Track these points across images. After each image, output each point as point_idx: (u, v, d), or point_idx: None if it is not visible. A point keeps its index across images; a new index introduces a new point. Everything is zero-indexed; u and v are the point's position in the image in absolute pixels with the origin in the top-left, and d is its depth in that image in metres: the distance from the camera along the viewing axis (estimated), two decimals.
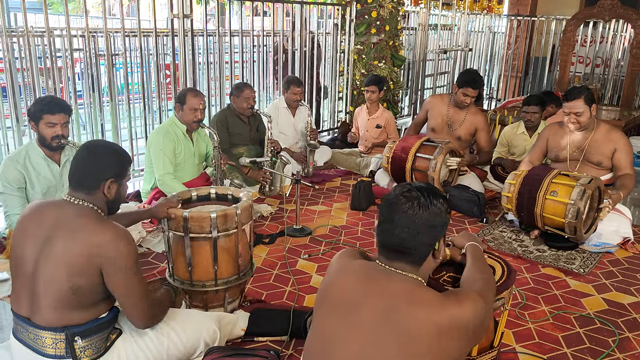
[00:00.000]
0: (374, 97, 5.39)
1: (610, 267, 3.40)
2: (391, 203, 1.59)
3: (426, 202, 1.57)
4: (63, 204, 1.95)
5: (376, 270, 1.61)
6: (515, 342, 2.55)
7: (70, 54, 4.30)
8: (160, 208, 2.46)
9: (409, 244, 1.56)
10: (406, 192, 1.59)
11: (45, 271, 1.85)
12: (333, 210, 4.30)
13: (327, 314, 1.61)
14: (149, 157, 3.71)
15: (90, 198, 1.95)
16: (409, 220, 1.55)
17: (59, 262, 1.83)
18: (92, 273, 1.85)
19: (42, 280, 1.85)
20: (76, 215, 1.90)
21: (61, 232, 1.86)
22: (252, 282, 3.04)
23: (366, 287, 1.56)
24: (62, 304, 1.85)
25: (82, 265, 1.82)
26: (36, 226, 1.91)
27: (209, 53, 5.29)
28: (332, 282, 1.66)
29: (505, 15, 9.46)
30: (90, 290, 1.88)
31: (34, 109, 2.99)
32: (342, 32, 6.52)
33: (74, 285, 1.83)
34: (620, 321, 2.78)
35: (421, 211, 1.56)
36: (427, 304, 1.48)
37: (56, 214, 1.91)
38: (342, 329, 1.54)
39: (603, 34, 8.04)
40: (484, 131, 4.55)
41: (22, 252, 1.91)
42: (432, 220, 1.57)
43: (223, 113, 4.55)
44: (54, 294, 1.84)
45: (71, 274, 1.82)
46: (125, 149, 2.19)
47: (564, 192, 3.46)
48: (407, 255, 1.58)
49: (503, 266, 2.04)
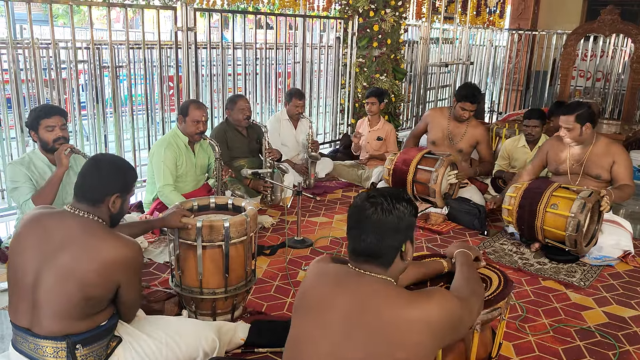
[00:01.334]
0: (374, 109, 5.43)
1: (610, 280, 3.40)
2: (357, 209, 1.63)
3: (389, 207, 1.59)
4: (66, 215, 1.96)
5: (347, 273, 1.63)
6: (515, 355, 2.55)
7: (75, 66, 4.34)
8: (173, 217, 2.48)
9: (376, 248, 1.59)
10: (371, 199, 1.62)
11: (48, 282, 1.85)
12: (334, 222, 4.31)
13: (301, 317, 1.65)
14: (151, 168, 3.74)
15: (94, 210, 1.97)
16: (374, 226, 1.58)
17: (66, 275, 1.84)
18: (108, 286, 1.90)
19: (44, 292, 1.85)
20: (83, 229, 1.91)
21: (69, 246, 1.87)
22: (253, 293, 3.04)
23: (337, 288, 1.59)
24: (67, 314, 1.86)
25: (98, 278, 1.86)
26: (37, 238, 1.91)
27: (212, 65, 5.34)
28: (307, 287, 1.69)
29: (507, 29, 9.54)
30: (100, 300, 1.91)
31: (30, 118, 3.06)
32: (344, 45, 6.57)
33: (86, 295, 1.85)
34: (620, 334, 2.78)
35: (384, 216, 1.58)
36: (396, 301, 1.50)
37: (60, 226, 1.92)
38: (313, 330, 1.57)
39: (603, 48, 8.10)
40: (484, 143, 4.58)
41: (21, 263, 1.90)
42: (397, 224, 1.59)
43: (221, 127, 4.54)
44: (58, 305, 1.85)
45: (84, 285, 1.84)
46: (128, 159, 2.22)
47: (564, 205, 3.47)
48: (375, 259, 1.61)
49: (500, 276, 2.05)
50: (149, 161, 3.82)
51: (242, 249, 2.61)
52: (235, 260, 2.59)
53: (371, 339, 1.47)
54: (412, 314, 1.48)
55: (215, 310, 2.63)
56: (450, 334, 1.56)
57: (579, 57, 7.93)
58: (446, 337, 1.56)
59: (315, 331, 1.56)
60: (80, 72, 4.72)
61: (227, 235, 2.49)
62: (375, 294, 1.53)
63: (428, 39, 7.46)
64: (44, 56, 4.19)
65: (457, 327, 1.59)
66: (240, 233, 2.55)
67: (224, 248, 2.51)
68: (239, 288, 2.65)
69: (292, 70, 6.36)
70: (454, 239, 4.02)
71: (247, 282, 2.70)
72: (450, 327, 1.54)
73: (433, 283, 2.04)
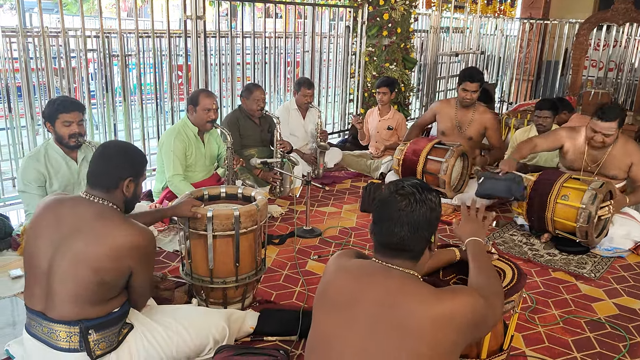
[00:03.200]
0: (386, 99, 5.40)
1: (621, 272, 3.38)
2: (387, 202, 1.60)
3: (422, 197, 1.58)
4: (81, 201, 2.00)
5: (373, 267, 1.62)
6: (525, 346, 2.54)
7: (85, 55, 4.35)
8: (184, 207, 2.48)
9: (409, 241, 1.57)
10: (401, 190, 1.60)
11: (62, 268, 1.88)
12: (343, 212, 4.31)
13: (325, 312, 1.62)
14: (161, 157, 3.74)
15: (109, 196, 2.00)
16: (408, 218, 1.56)
17: (80, 260, 1.87)
18: (120, 272, 1.92)
19: (58, 276, 1.88)
20: (98, 214, 1.94)
21: (82, 230, 1.90)
22: (262, 282, 3.05)
23: (362, 284, 1.57)
24: (81, 299, 1.88)
25: (111, 264, 1.88)
26: (52, 223, 1.94)
27: (221, 54, 5.32)
28: (329, 281, 1.67)
29: (518, 18, 9.43)
30: (113, 286, 1.94)
31: (48, 110, 3.04)
32: (353, 34, 6.53)
33: (100, 281, 1.88)
34: (631, 326, 2.76)
35: (418, 207, 1.57)
36: (423, 297, 1.49)
37: (74, 211, 1.95)
38: (339, 326, 1.55)
39: (616, 37, 7.99)
40: (493, 129, 4.56)
41: (36, 248, 1.94)
42: (429, 215, 1.58)
43: (234, 114, 4.57)
44: (72, 290, 1.87)
45: (98, 271, 1.87)
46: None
47: (575, 196, 3.44)
48: (407, 252, 1.59)
49: (513, 269, 2.03)
50: (158, 150, 3.83)
51: (252, 238, 2.62)
52: (245, 250, 2.60)
53: (398, 334, 1.46)
54: (438, 310, 1.46)
55: (226, 299, 2.64)
56: (474, 331, 1.55)
57: (591, 47, 7.83)
58: (470, 335, 1.55)
59: (342, 327, 1.55)
60: (90, 61, 4.72)
61: (237, 225, 2.50)
62: (402, 290, 1.51)
63: (438, 28, 7.40)
64: (53, 45, 4.19)
65: (481, 326, 1.58)
66: (251, 222, 2.56)
67: (235, 237, 2.52)
68: (249, 277, 2.66)
69: (301, 59, 6.33)
70: None
71: (257, 271, 2.71)
72: (475, 325, 1.53)
73: (445, 272, 2.03)
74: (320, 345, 1.61)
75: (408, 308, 1.47)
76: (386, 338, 1.48)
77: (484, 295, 1.60)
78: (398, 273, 1.57)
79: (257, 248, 2.67)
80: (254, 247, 2.64)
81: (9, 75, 3.98)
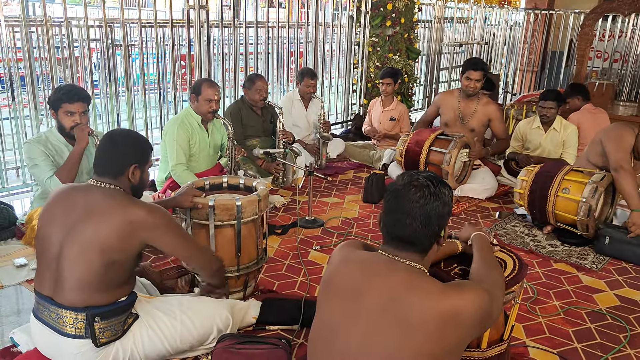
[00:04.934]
0: (389, 90, 5.38)
1: (623, 264, 3.38)
2: (400, 193, 1.58)
3: (436, 191, 1.57)
4: (90, 187, 2.04)
5: (379, 260, 1.61)
6: (525, 336, 2.56)
7: (88, 44, 4.34)
8: (184, 197, 2.49)
9: (420, 234, 1.56)
10: (415, 182, 1.58)
11: (72, 252, 1.91)
12: (345, 202, 4.31)
13: (330, 303, 1.63)
14: (164, 146, 3.75)
15: (116, 182, 2.05)
16: (421, 211, 1.55)
17: (90, 242, 1.90)
18: (129, 248, 1.96)
19: (68, 261, 1.92)
20: (105, 197, 1.99)
21: (91, 214, 1.94)
22: (265, 272, 3.07)
23: (368, 276, 1.57)
24: (88, 285, 1.91)
25: (118, 240, 1.92)
26: (64, 209, 1.98)
27: (224, 44, 5.31)
28: (334, 272, 1.67)
29: (523, 8, 9.37)
30: (122, 267, 1.97)
31: (53, 98, 3.04)
32: (357, 24, 6.50)
33: (109, 261, 1.91)
34: (632, 317, 2.77)
35: (432, 200, 1.56)
36: (429, 292, 1.49)
37: (85, 197, 1.99)
38: (344, 318, 1.56)
39: (622, 28, 7.93)
40: (497, 120, 4.54)
41: (48, 234, 1.98)
42: (442, 209, 1.58)
43: (237, 105, 4.57)
44: (80, 275, 1.91)
45: (105, 250, 1.90)
46: None
47: (576, 189, 3.44)
48: (416, 245, 1.59)
49: (514, 260, 2.04)
50: (161, 140, 3.84)
51: (254, 228, 2.63)
52: (246, 240, 2.61)
53: (402, 328, 1.47)
54: (444, 306, 1.46)
55: (227, 288, 2.66)
56: (478, 327, 1.56)
57: (596, 38, 7.79)
58: (475, 331, 1.55)
59: (346, 319, 1.55)
60: (93, 51, 4.71)
61: (239, 215, 2.51)
62: (408, 284, 1.51)
63: (442, 18, 7.35)
64: (56, 34, 4.18)
65: (486, 321, 1.58)
66: (252, 212, 2.57)
67: (236, 227, 2.53)
68: (250, 267, 2.67)
69: (304, 49, 6.31)
70: (466, 220, 4.01)
71: (258, 261, 2.73)
72: (479, 320, 1.53)
73: (446, 263, 2.04)
74: (323, 335, 1.61)
75: (413, 302, 1.47)
76: (390, 331, 1.48)
77: (487, 289, 1.60)
78: (404, 267, 1.57)
79: (258, 238, 2.68)
80: (255, 237, 2.66)
81: (12, 65, 3.98)
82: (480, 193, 4.37)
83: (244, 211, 2.52)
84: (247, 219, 2.55)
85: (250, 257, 2.67)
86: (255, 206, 2.57)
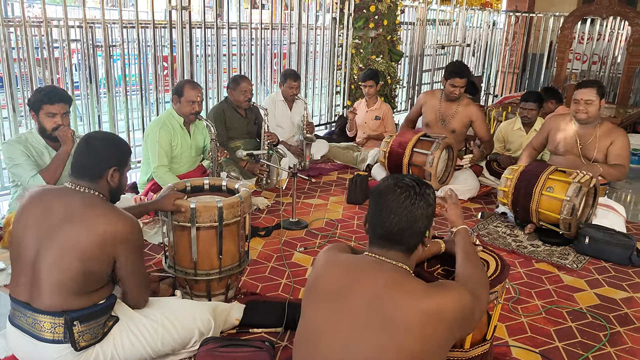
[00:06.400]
0: (372, 91, 5.44)
1: (602, 263, 3.42)
2: (386, 194, 1.61)
3: (421, 192, 1.61)
4: (68, 191, 2.00)
5: (365, 261, 1.62)
6: (508, 336, 2.58)
7: (68, 45, 4.29)
8: (166, 201, 2.46)
9: (406, 234, 1.59)
10: (400, 183, 1.61)
11: (48, 257, 1.88)
12: (329, 203, 4.31)
13: (315, 305, 1.63)
14: (146, 148, 3.71)
15: (94, 186, 2.02)
16: (407, 211, 1.58)
17: (67, 248, 1.87)
18: (105, 259, 1.93)
19: (44, 266, 1.88)
20: (84, 203, 1.95)
21: (69, 219, 1.90)
22: (248, 274, 3.05)
23: (353, 278, 1.58)
24: (66, 289, 1.88)
25: (96, 251, 1.89)
26: (40, 213, 1.94)
27: (206, 45, 5.28)
28: (320, 274, 1.67)
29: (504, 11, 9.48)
30: (99, 275, 1.94)
31: (33, 99, 3.00)
32: (340, 26, 6.51)
33: (86, 270, 1.88)
34: (611, 316, 2.81)
35: (418, 200, 1.59)
36: (413, 292, 1.50)
37: (62, 201, 1.96)
38: (329, 319, 1.56)
39: (600, 31, 8.06)
40: (479, 121, 4.56)
41: (24, 238, 1.94)
42: (427, 209, 1.61)
43: (220, 106, 4.54)
44: (58, 279, 1.87)
45: (84, 259, 1.87)
46: None
47: (560, 189, 3.48)
48: (402, 245, 1.60)
49: (497, 260, 2.05)
50: (143, 142, 3.80)
51: (236, 230, 2.61)
52: (228, 242, 2.59)
53: (387, 328, 1.47)
54: (428, 305, 1.47)
55: (209, 291, 2.64)
56: (462, 327, 1.57)
57: (575, 40, 7.89)
58: (458, 331, 1.56)
59: (332, 320, 1.55)
60: (73, 52, 4.66)
61: (220, 217, 2.49)
62: (393, 284, 1.52)
63: (425, 21, 7.40)
64: (35, 35, 4.12)
65: (469, 321, 1.60)
66: (234, 214, 2.55)
67: (218, 229, 2.51)
68: (232, 269, 2.65)
69: (287, 51, 6.31)
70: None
71: (240, 263, 2.71)
72: (463, 321, 1.55)
73: (429, 263, 2.05)
74: (309, 338, 1.61)
75: (398, 302, 1.48)
76: (375, 331, 1.48)
77: (472, 289, 1.62)
78: (390, 267, 1.58)
79: (240, 240, 2.66)
80: (237, 239, 2.63)
81: None
82: (462, 194, 4.40)
83: (226, 213, 2.50)
84: (229, 221, 2.53)
85: (232, 259, 2.65)
86: (237, 208, 2.55)
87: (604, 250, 3.42)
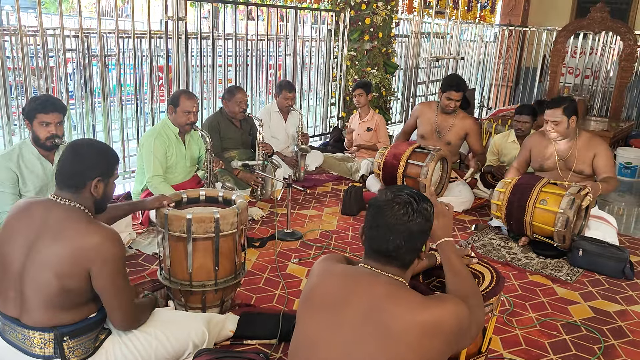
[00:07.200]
0: (363, 100, 5.45)
1: (596, 276, 3.43)
2: (383, 208, 1.58)
3: (419, 208, 1.58)
4: (50, 204, 1.93)
5: (361, 272, 1.61)
6: (502, 348, 2.57)
7: (63, 54, 4.28)
8: (152, 200, 2.50)
9: (403, 250, 1.57)
10: (397, 198, 1.59)
11: (31, 273, 1.83)
12: (324, 214, 4.31)
13: (310, 316, 1.62)
14: (141, 158, 3.71)
15: (77, 198, 1.93)
16: (405, 227, 1.55)
17: (45, 263, 1.82)
18: (80, 276, 1.84)
19: (29, 281, 1.83)
20: (63, 217, 1.88)
21: (48, 234, 1.84)
22: (242, 285, 3.04)
23: (349, 288, 1.57)
24: (52, 305, 1.84)
25: (71, 267, 1.81)
26: (24, 226, 1.89)
27: (202, 56, 5.29)
28: (315, 285, 1.66)
29: (497, 25, 9.56)
30: (79, 291, 1.87)
31: (28, 108, 2.97)
32: (335, 38, 6.55)
33: (64, 287, 1.82)
34: (606, 329, 2.81)
35: (415, 217, 1.56)
36: (410, 304, 1.50)
37: (44, 214, 1.89)
38: (325, 330, 1.55)
39: (593, 45, 8.15)
40: (474, 135, 4.62)
41: (9, 252, 1.89)
42: (424, 225, 1.59)
43: (215, 117, 4.55)
44: (43, 294, 1.83)
45: (60, 276, 1.81)
46: (116, 150, 2.19)
47: (554, 201, 3.50)
48: (398, 261, 1.59)
49: (492, 273, 2.06)
50: (138, 152, 3.79)
51: (232, 242, 2.59)
52: (225, 253, 2.57)
53: (383, 339, 1.46)
54: (425, 318, 1.46)
55: (205, 303, 2.62)
56: (459, 340, 1.56)
57: (568, 54, 7.97)
58: (455, 344, 1.55)
59: (327, 331, 1.54)
60: (69, 61, 4.66)
61: (217, 228, 2.48)
62: (389, 296, 1.51)
63: (419, 33, 7.46)
64: (31, 44, 4.11)
65: (465, 335, 1.59)
66: (231, 225, 2.53)
67: (214, 241, 2.50)
68: (228, 281, 2.63)
69: (282, 62, 6.33)
70: None
71: (236, 275, 2.69)
72: (460, 334, 1.54)
73: (425, 276, 2.04)
74: (304, 348, 1.60)
75: (394, 314, 1.47)
76: (371, 343, 1.47)
77: (469, 305, 1.62)
78: (385, 279, 1.57)
79: (236, 251, 2.64)
80: (233, 251, 2.62)
81: None
82: (457, 206, 4.41)
83: (223, 224, 2.49)
84: (225, 233, 2.52)
85: (228, 271, 2.63)
86: (233, 219, 2.54)
87: (597, 263, 3.43)
